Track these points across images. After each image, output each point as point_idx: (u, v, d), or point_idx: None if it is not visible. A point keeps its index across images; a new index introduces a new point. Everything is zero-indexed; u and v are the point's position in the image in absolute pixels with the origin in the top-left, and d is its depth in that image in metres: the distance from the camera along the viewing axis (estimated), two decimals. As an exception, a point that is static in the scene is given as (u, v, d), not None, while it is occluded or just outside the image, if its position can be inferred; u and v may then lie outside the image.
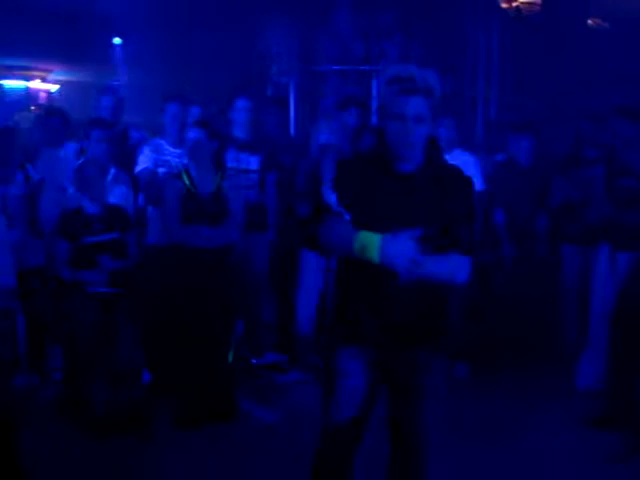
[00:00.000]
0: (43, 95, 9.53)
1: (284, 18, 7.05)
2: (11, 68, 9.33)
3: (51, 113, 5.16)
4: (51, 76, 9.51)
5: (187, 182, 4.33)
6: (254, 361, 5.03)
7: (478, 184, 4.80)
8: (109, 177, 4.65)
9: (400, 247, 2.33)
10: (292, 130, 6.65)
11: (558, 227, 5.02)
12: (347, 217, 2.41)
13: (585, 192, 4.76)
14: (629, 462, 3.81)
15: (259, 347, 5.09)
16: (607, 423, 4.17)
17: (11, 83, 9.57)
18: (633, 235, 4.23)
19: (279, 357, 5.12)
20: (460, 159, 4.81)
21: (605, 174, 4.50)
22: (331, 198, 2.46)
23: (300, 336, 5.03)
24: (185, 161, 4.49)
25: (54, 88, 9.75)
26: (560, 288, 5.08)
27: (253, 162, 4.92)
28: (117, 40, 8.24)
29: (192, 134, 4.33)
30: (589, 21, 9.12)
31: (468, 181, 2.55)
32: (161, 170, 4.74)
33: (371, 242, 2.35)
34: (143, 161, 4.80)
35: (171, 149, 4.81)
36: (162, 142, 4.86)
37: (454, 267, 2.46)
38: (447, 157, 4.50)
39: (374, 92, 6.73)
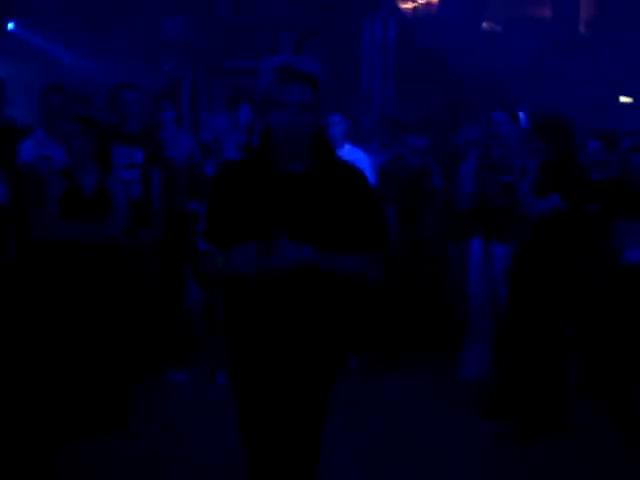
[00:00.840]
0: None
1: (180, 12, 6.95)
2: None
3: None
4: None
5: (68, 178, 4.19)
6: (148, 361, 4.91)
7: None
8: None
9: (244, 254, 2.23)
10: (184, 126, 6.55)
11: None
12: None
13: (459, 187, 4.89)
14: (516, 447, 3.93)
15: (153, 345, 4.98)
16: (493, 411, 4.30)
17: None
18: (506, 227, 4.38)
19: (172, 356, 5.03)
20: (351, 155, 4.87)
21: (477, 169, 4.64)
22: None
23: (192, 335, 4.96)
24: (67, 156, 4.34)
25: None
26: (446, 281, 5.21)
27: (137, 156, 4.82)
28: (10, 25, 7.83)
29: (69, 128, 4.19)
30: (484, 24, 9.41)
31: (362, 177, 2.38)
32: (43, 165, 4.57)
33: (221, 261, 2.32)
34: (24, 155, 4.63)
35: (53, 144, 4.65)
36: (45, 136, 4.69)
37: (358, 264, 2.32)
38: (337, 153, 4.60)
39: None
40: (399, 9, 8.29)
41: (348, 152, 4.96)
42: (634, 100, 8.39)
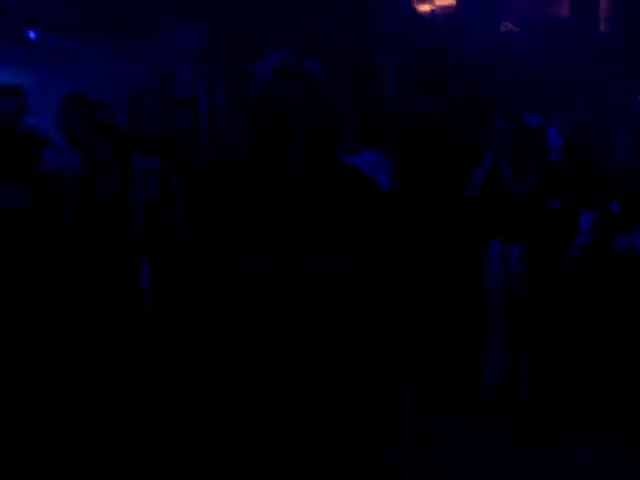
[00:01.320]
0: None
1: (193, 19, 6.98)
2: None
3: None
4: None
5: (88, 184, 4.22)
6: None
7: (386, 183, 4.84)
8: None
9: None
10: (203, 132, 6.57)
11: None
12: None
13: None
14: (538, 447, 3.92)
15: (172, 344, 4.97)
16: (514, 413, 4.27)
17: None
18: (523, 229, 4.37)
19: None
20: (370, 158, 4.86)
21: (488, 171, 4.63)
22: None
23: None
24: (86, 164, 4.37)
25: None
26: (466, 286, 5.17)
27: (155, 162, 4.83)
28: (32, 34, 7.91)
29: (89, 135, 4.22)
30: (502, 25, 9.36)
31: (368, 180, 2.31)
32: (62, 172, 4.60)
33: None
34: (45, 163, 4.66)
35: (73, 151, 4.67)
36: (65, 144, 4.73)
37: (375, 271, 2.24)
38: (355, 158, 4.60)
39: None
40: (415, 11, 8.28)
41: (367, 155, 4.94)
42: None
